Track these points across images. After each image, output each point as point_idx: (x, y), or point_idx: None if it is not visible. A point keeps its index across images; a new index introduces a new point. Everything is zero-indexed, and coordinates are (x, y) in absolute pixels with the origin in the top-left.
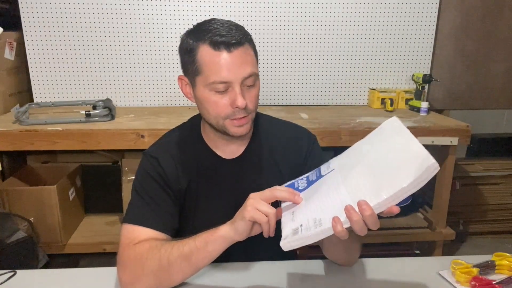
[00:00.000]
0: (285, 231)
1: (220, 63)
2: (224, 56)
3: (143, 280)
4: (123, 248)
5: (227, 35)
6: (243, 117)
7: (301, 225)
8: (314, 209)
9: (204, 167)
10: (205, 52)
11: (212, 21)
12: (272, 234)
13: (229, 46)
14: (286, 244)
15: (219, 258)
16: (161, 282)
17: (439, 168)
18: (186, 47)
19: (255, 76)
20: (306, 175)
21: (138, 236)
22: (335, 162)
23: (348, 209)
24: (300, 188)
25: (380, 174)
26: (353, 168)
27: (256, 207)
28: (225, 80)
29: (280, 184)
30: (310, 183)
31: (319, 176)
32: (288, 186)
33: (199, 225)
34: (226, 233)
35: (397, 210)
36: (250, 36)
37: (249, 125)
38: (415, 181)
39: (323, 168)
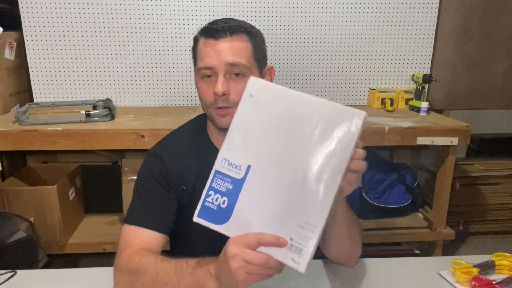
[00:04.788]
0: (281, 255)
1: (206, 49)
2: (211, 42)
3: None
4: (120, 251)
5: (217, 25)
6: (226, 108)
7: (291, 238)
8: (283, 217)
9: (211, 166)
10: (200, 42)
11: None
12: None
13: (216, 32)
14: (306, 266)
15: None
16: None
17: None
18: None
19: (243, 67)
20: (210, 188)
21: (136, 239)
22: (239, 159)
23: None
24: (223, 206)
25: (322, 144)
26: (280, 152)
27: (247, 264)
28: (208, 66)
29: None
30: (230, 194)
31: (237, 181)
32: (203, 211)
33: (199, 226)
34: None
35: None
36: (253, 31)
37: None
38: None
39: (230, 171)
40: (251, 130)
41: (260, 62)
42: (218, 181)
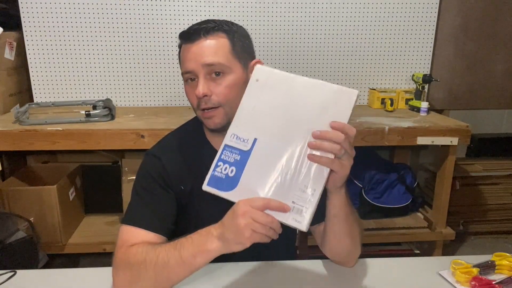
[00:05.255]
0: (285, 217)
1: (184, 54)
2: (188, 47)
3: (132, 287)
4: (117, 250)
5: (192, 28)
6: (211, 108)
7: (293, 202)
8: (285, 183)
9: (209, 166)
10: (181, 48)
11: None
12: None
13: (191, 36)
14: (307, 225)
15: (220, 258)
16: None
17: (357, 92)
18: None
19: (222, 66)
20: (219, 159)
21: (133, 238)
22: (246, 133)
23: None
24: (231, 175)
25: (316, 118)
26: (282, 127)
27: (254, 221)
28: (188, 70)
29: None
30: (238, 164)
31: (244, 153)
32: (212, 180)
33: (202, 226)
34: (217, 249)
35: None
36: (232, 28)
37: (220, 119)
38: (351, 112)
39: (238, 144)
40: (257, 109)
41: (242, 58)
42: (227, 153)
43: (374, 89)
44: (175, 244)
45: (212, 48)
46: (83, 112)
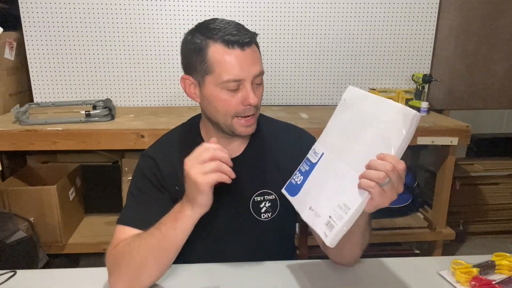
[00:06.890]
0: (319, 228)
1: (233, 61)
2: (237, 54)
3: (124, 279)
4: (109, 249)
5: (239, 34)
6: (251, 115)
7: (330, 216)
8: (330, 197)
9: None
10: (217, 50)
11: (217, 20)
12: (233, 176)
13: (242, 44)
14: (332, 241)
15: (219, 258)
16: (141, 279)
17: (420, 115)
18: (193, 46)
19: (262, 76)
20: (299, 169)
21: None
22: (320, 147)
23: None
24: (298, 182)
25: (373, 139)
26: (344, 145)
27: (202, 173)
28: (239, 78)
29: (281, 184)
30: (305, 174)
31: (312, 164)
32: (288, 186)
33: (198, 224)
34: (189, 212)
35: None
36: (257, 36)
37: (255, 124)
38: (407, 135)
39: (311, 156)
40: (334, 126)
41: None
42: (304, 164)
43: (374, 89)
44: (156, 225)
45: (258, 58)
46: (83, 112)
